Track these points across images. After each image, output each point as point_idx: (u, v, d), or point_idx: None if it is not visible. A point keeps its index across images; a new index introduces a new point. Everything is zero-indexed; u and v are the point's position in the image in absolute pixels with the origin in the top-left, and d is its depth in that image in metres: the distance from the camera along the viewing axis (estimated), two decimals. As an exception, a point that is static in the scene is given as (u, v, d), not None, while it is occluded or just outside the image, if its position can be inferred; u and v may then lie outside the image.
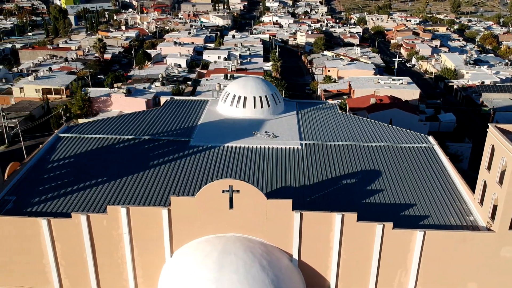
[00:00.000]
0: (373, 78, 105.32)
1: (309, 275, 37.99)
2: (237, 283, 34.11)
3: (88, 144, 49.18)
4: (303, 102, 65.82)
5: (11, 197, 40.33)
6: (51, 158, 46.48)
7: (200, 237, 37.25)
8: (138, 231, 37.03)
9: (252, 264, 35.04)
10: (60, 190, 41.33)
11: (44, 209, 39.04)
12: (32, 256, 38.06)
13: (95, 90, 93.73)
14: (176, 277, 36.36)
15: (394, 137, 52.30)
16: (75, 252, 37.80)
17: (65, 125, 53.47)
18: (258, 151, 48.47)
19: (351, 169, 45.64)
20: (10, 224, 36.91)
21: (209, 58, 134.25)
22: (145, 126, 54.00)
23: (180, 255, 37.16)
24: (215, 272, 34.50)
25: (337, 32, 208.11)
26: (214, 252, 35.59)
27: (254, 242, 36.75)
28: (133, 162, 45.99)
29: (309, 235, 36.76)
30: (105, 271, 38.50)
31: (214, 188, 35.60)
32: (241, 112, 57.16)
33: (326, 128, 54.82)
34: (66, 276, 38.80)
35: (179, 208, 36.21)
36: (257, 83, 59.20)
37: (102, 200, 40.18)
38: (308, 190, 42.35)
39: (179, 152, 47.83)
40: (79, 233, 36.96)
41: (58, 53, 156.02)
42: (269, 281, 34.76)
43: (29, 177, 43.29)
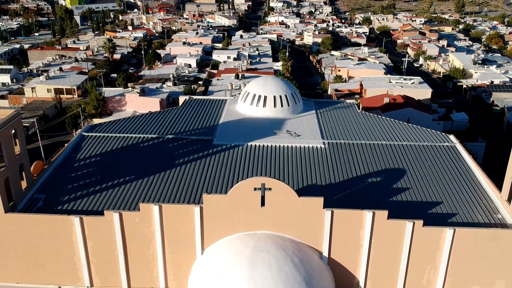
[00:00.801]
0: (385, 78, 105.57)
1: (339, 273, 38.25)
2: (270, 280, 34.38)
3: (113, 143, 49.53)
4: (321, 101, 66.15)
5: (40, 196, 40.69)
6: (77, 156, 46.84)
7: (231, 234, 37.54)
8: (170, 229, 37.34)
9: (285, 261, 35.32)
10: (88, 188, 41.69)
11: (74, 207, 39.39)
12: (64, 254, 38.39)
13: (109, 90, 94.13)
14: (207, 274, 36.65)
15: (415, 136, 52.57)
16: (106, 250, 38.12)
17: (87, 124, 53.77)
18: (282, 150, 48.78)
19: (375, 168, 45.91)
20: (42, 222, 37.23)
21: (219, 58, 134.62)
22: (167, 125, 54.33)
23: (211, 253, 37.47)
24: (248, 269, 34.78)
25: (343, 32, 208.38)
26: (246, 249, 35.87)
27: (285, 240, 37.05)
28: (158, 161, 46.33)
29: (339, 233, 37.04)
30: (136, 269, 38.82)
31: (246, 186, 35.89)
32: (262, 111, 57.47)
33: (347, 127, 55.10)
34: (97, 274, 39.11)
35: (211, 206, 36.50)
36: (276, 82, 59.53)
37: (130, 198, 40.52)
38: (334, 188, 42.64)
39: (203, 151, 48.15)
40: (111, 231, 37.28)
41: (67, 53, 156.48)
42: (301, 278, 35.04)
43: (57, 176, 43.65)
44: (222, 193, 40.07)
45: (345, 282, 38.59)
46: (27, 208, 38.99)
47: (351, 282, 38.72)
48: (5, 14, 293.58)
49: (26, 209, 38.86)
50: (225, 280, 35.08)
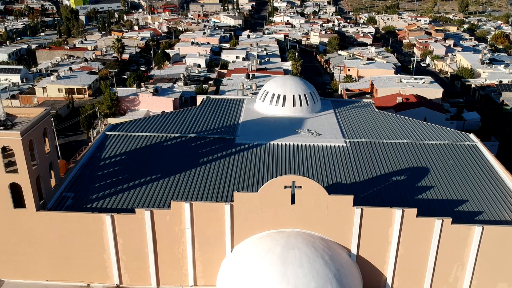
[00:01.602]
0: (395, 77, 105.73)
1: (366, 270, 38.56)
2: (302, 277, 34.71)
3: (136, 141, 49.86)
4: (338, 100, 66.44)
5: (69, 194, 41.03)
6: (102, 155, 47.17)
7: (260, 232, 37.87)
8: (200, 226, 37.68)
9: (315, 258, 35.64)
10: (116, 187, 42.02)
11: (103, 205, 39.74)
12: (93, 251, 38.75)
13: (122, 90, 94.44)
14: (237, 271, 36.96)
15: (435, 135, 52.85)
16: (136, 247, 38.47)
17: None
18: (304, 149, 49.07)
19: (398, 166, 46.20)
20: (73, 220, 37.59)
21: (228, 58, 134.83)
22: (188, 124, 54.65)
23: (241, 250, 37.79)
24: (279, 266, 35.10)
25: (349, 32, 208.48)
26: (277, 246, 36.18)
27: (315, 237, 37.37)
28: (182, 159, 46.66)
29: (368, 230, 37.35)
30: (165, 266, 39.16)
31: (276, 184, 36.21)
32: (281, 110, 57.76)
33: (367, 126, 55.38)
34: (126, 271, 39.46)
35: (242, 204, 36.83)
36: (295, 81, 59.83)
37: (157, 196, 40.84)
38: (359, 186, 42.91)
39: (227, 150, 48.46)
40: (142, 228, 37.63)
41: (75, 53, 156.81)
42: (332, 275, 35.36)
43: (83, 174, 43.99)
44: (248, 191, 40.38)
45: (372, 280, 38.90)
46: (56, 206, 39.34)
47: (379, 280, 39.02)
48: (10, 14, 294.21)
49: (56, 207, 39.21)
50: (256, 277, 35.39)
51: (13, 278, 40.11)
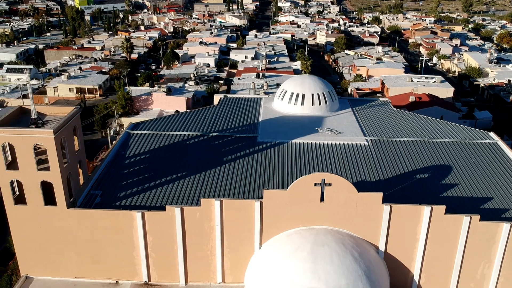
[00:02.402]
0: (406, 77, 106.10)
1: (393, 267, 38.83)
2: (333, 274, 35.01)
3: (159, 140, 50.17)
4: (355, 99, 66.75)
5: (97, 192, 41.35)
6: (126, 154, 47.50)
7: (289, 229, 38.16)
8: (229, 224, 37.97)
9: (345, 255, 35.94)
10: (143, 185, 42.35)
11: (131, 203, 40.02)
12: (123, 249, 39.04)
13: (135, 89, 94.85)
14: (266, 268, 37.25)
15: (456, 133, 53.14)
16: (166, 244, 38.76)
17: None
18: (325, 147, 49.36)
19: (421, 164, 46.46)
20: (104, 217, 37.90)
21: (236, 57, 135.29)
22: (208, 123, 54.94)
23: (270, 247, 38.09)
24: (310, 263, 35.39)
25: (355, 32, 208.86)
26: (307, 243, 36.48)
27: (343, 234, 37.66)
28: (206, 157, 47.00)
29: (396, 228, 37.64)
30: (194, 263, 39.45)
31: (306, 181, 36.50)
32: (299, 109, 58.05)
33: (386, 124, 55.66)
34: (155, 268, 39.76)
35: (271, 201, 37.13)
36: (314, 80, 60.13)
37: (184, 194, 41.16)
38: (383, 184, 43.18)
39: (249, 148, 48.74)
40: (172, 226, 37.93)
41: (83, 53, 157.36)
42: (361, 272, 35.65)
43: (109, 172, 44.31)
44: (273, 189, 40.63)
45: (399, 277, 39.17)
46: (85, 204, 39.65)
47: (405, 277, 39.30)
48: (15, 14, 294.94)
49: (85, 205, 39.53)
50: (286, 274, 35.69)
51: (42, 275, 40.43)
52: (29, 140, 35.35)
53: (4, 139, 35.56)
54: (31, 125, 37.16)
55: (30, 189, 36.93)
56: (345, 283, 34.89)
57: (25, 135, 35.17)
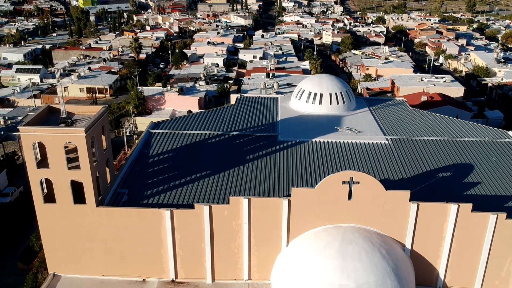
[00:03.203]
0: (416, 76, 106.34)
1: (419, 265, 39.11)
2: (361, 271, 35.30)
3: (180, 139, 50.52)
4: (371, 99, 67.05)
5: (124, 190, 41.70)
6: (149, 152, 47.85)
7: (316, 227, 38.45)
8: (257, 221, 38.27)
9: (373, 252, 36.23)
10: (169, 183, 42.70)
11: (157, 201, 40.38)
12: (151, 246, 39.35)
13: (148, 89, 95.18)
14: (294, 266, 37.54)
15: (475, 132, 53.46)
16: (193, 242, 39.07)
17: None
18: (346, 146, 49.67)
19: (442, 163, 46.74)
20: (133, 215, 38.22)
21: (245, 57, 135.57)
22: (227, 122, 55.28)
23: (297, 245, 38.38)
24: (339, 260, 35.68)
25: (360, 32, 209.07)
26: (335, 241, 36.77)
27: (370, 232, 37.96)
28: (228, 156, 47.35)
29: (423, 225, 37.91)
30: (221, 261, 39.76)
31: (335, 179, 36.80)
32: (317, 108, 58.38)
33: (404, 123, 55.97)
34: (182, 266, 40.06)
35: (299, 199, 37.43)
36: (331, 80, 60.45)
37: (209, 192, 41.51)
38: (405, 182, 43.45)
39: (270, 147, 49.06)
40: (200, 223, 38.24)
41: (91, 53, 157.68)
42: (390, 269, 35.94)
43: (134, 171, 44.66)
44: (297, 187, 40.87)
45: (425, 274, 39.44)
46: (113, 202, 40.00)
47: (431, 274, 39.56)
48: (20, 15, 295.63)
49: (112, 203, 39.88)
50: (315, 271, 35.97)
51: (69, 273, 40.78)
52: (60, 139, 35.70)
53: (35, 138, 35.93)
54: (60, 124, 37.54)
55: (60, 188, 37.28)
56: (374, 280, 35.18)
57: (56, 134, 35.53)
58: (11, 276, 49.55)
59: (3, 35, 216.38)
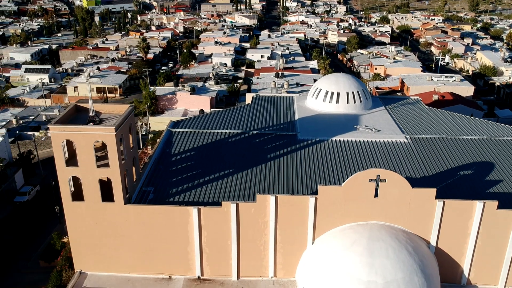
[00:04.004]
0: (426, 76, 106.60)
1: (444, 262, 39.41)
2: (389, 268, 35.63)
3: (201, 137, 50.86)
4: (386, 97, 67.32)
5: (149, 188, 42.03)
6: (171, 151, 48.19)
7: (342, 225, 38.78)
8: (283, 219, 38.59)
9: (400, 249, 36.56)
10: (193, 181, 43.02)
11: (183, 199, 40.67)
12: (177, 244, 39.70)
13: (160, 88, 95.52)
14: (320, 263, 37.87)
15: (493, 131, 53.69)
16: (220, 239, 39.40)
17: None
18: (366, 145, 49.95)
19: (463, 161, 47.02)
20: (160, 213, 38.57)
21: (253, 57, 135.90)
22: (246, 121, 55.58)
23: (323, 242, 38.71)
24: (366, 257, 36.01)
25: (365, 31, 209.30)
26: (362, 238, 37.10)
27: (396, 229, 38.28)
28: (249, 154, 47.67)
29: (448, 223, 38.22)
30: (246, 258, 40.08)
31: (361, 177, 37.13)
32: (334, 107, 58.65)
33: (422, 122, 56.26)
34: (208, 263, 40.40)
35: (326, 197, 37.76)
36: (348, 79, 60.75)
37: (234, 190, 41.80)
38: (427, 181, 43.65)
39: (291, 146, 49.37)
40: (227, 221, 38.57)
41: (98, 53, 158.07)
42: (416, 266, 36.28)
43: (158, 169, 45.00)
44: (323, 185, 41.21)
45: (449, 271, 39.76)
46: (139, 200, 40.34)
47: (455, 271, 39.89)
48: (24, 15, 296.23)
49: (139, 201, 40.21)
50: (343, 268, 36.31)
51: (95, 271, 41.13)
52: (91, 137, 36.08)
53: (65, 136, 36.29)
54: (89, 122, 37.92)
55: (89, 186, 37.64)
56: (401, 277, 35.52)
57: (86, 132, 35.89)
58: (34, 274, 49.95)
59: (9, 35, 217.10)
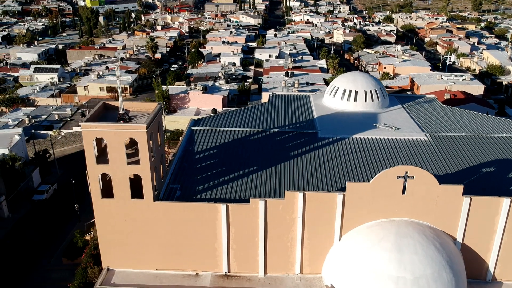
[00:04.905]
0: (436, 74, 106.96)
1: (469, 258, 39.72)
2: (418, 264, 35.97)
3: (222, 135, 51.22)
4: (401, 96, 67.69)
5: (176, 185, 42.39)
6: (194, 149, 48.55)
7: (369, 221, 39.10)
8: (311, 216, 38.90)
9: (428, 245, 36.88)
10: (219, 178, 43.35)
11: (209, 196, 41.01)
12: (205, 241, 39.98)
13: (172, 88, 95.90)
14: (348, 258, 38.19)
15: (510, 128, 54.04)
16: (247, 236, 39.70)
17: (191, 119, 55.49)
18: (386, 142, 50.29)
19: (484, 159, 47.32)
20: (189, 210, 38.86)
21: (261, 56, 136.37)
22: (265, 119, 55.94)
23: (350, 239, 39.04)
24: (395, 253, 36.34)
25: (371, 31, 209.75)
26: (390, 234, 37.42)
27: (423, 226, 38.61)
28: (271, 152, 47.98)
29: (474, 219, 38.54)
30: (273, 254, 40.37)
31: (390, 174, 37.43)
32: (352, 105, 58.99)
33: (440, 120, 56.60)
34: (235, 260, 40.70)
35: (354, 193, 38.08)
36: (365, 77, 61.12)
37: (258, 187, 42.12)
38: (450, 178, 43.98)
39: (312, 144, 49.70)
40: (255, 218, 38.88)
41: (106, 52, 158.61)
42: (445, 262, 36.60)
43: (183, 167, 45.37)
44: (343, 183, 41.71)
45: (475, 267, 40.06)
46: (167, 197, 40.68)
47: (481, 267, 40.21)
48: (28, 15, 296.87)
49: (167, 198, 40.55)
50: (371, 264, 36.63)
51: (123, 268, 41.45)
52: (122, 135, 36.42)
53: (96, 133, 36.64)
54: (118, 120, 38.26)
55: (119, 183, 37.97)
56: (430, 273, 35.85)
57: (118, 130, 36.23)
58: (57, 271, 50.46)
59: (14, 35, 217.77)
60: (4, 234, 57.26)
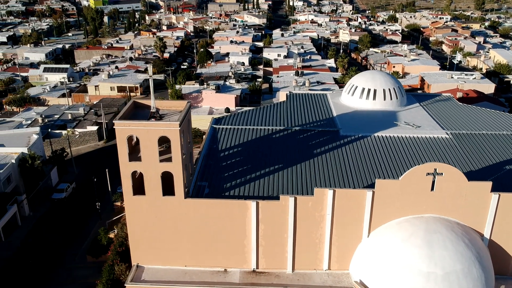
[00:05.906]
0: (446, 73, 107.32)
1: (496, 254, 40.11)
2: (448, 259, 36.38)
3: (245, 134, 51.66)
4: (418, 94, 68.10)
5: (204, 183, 42.81)
6: (218, 147, 48.97)
7: (397, 218, 39.51)
8: (340, 212, 39.32)
9: (458, 241, 37.29)
10: (245, 176, 43.75)
11: (239, 193, 41.41)
12: (234, 237, 40.39)
13: (185, 87, 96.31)
14: (377, 254, 38.60)
15: (531, 126, 54.46)
16: (276, 233, 40.11)
17: (213, 118, 55.94)
18: (408, 140, 50.70)
19: (506, 157, 47.72)
20: (219, 207, 39.27)
21: (269, 56, 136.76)
22: (285, 118, 56.35)
23: (379, 235, 39.45)
24: (426, 249, 36.75)
25: (376, 30, 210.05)
26: (419, 231, 37.84)
27: (452, 222, 39.01)
28: (295, 150, 48.39)
29: (502, 215, 38.94)
30: (302, 251, 40.78)
31: (419, 171, 37.85)
32: (371, 104, 59.41)
33: (459, 118, 57.03)
34: (264, 256, 41.12)
35: (383, 190, 38.49)
36: (383, 76, 61.52)
37: (285, 184, 42.52)
38: (474, 175, 44.32)
39: (335, 142, 50.12)
40: (285, 214, 39.29)
41: (113, 52, 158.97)
42: (474, 258, 37.02)
43: (209, 165, 45.79)
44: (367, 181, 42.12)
45: (501, 264, 40.44)
46: (196, 194, 41.11)
47: (507, 264, 40.62)
48: (32, 15, 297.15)
49: (196, 195, 40.98)
50: (401, 260, 37.03)
51: (152, 264, 41.86)
52: (155, 133, 36.82)
53: (129, 131, 37.07)
54: (150, 118, 38.70)
55: (151, 180, 38.38)
56: (460, 268, 36.27)
57: (151, 128, 36.65)
58: (81, 269, 50.91)
59: (20, 35, 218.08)
60: (26, 233, 57.73)
